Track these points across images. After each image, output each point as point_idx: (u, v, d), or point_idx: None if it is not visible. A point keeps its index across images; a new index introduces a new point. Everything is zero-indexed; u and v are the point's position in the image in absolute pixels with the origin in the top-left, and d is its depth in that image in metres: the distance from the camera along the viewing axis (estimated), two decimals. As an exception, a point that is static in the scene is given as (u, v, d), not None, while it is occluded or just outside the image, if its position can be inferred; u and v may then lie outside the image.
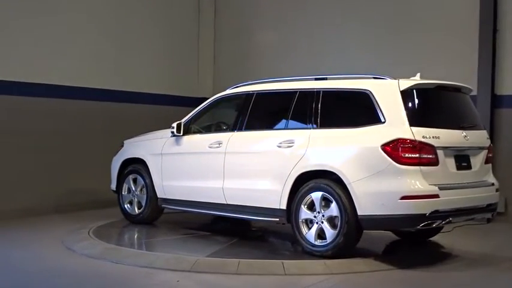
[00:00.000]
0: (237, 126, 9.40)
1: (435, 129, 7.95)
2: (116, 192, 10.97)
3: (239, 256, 8.18)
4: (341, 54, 13.26)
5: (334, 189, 8.05)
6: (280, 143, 8.68)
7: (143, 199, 10.52)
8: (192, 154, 9.85)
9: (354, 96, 8.44)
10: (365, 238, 8.92)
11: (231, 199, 9.23)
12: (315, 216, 8.25)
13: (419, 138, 7.75)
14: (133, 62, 13.55)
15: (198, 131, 10.02)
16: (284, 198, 8.52)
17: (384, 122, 7.93)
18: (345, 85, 8.69)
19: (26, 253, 8.61)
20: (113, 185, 11.05)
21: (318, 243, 8.19)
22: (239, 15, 15.02)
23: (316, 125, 8.51)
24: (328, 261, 7.95)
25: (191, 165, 9.86)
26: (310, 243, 8.25)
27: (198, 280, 7.47)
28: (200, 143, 9.75)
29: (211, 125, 10.25)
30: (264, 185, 8.77)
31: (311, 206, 8.31)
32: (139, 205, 10.62)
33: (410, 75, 8.67)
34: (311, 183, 8.30)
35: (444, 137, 7.99)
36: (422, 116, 8.07)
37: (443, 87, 8.51)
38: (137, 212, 10.64)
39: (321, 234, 8.20)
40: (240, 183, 9.11)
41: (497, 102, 11.73)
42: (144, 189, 10.48)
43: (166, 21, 14.29)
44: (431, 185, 7.75)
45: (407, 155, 7.69)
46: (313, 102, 8.62)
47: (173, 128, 9.93)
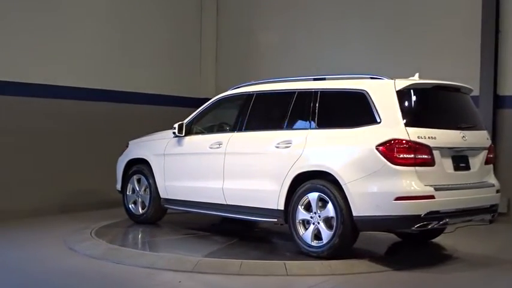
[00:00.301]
0: (237, 126, 9.34)
1: (431, 129, 7.80)
2: (121, 192, 10.92)
3: (238, 256, 8.10)
4: (343, 54, 13.15)
5: (330, 189, 7.93)
6: (278, 144, 8.59)
7: (147, 199, 10.47)
8: (193, 155, 9.79)
9: (351, 96, 8.31)
10: (367, 239, 8.96)
11: (231, 199, 9.16)
12: (312, 216, 8.14)
13: (414, 138, 7.60)
14: (135, 63, 13.48)
15: (201, 132, 9.95)
16: (282, 198, 8.43)
17: (380, 122, 7.80)
18: (342, 85, 8.57)
19: (28, 253, 8.57)
20: (118, 185, 11.01)
21: (315, 243, 8.08)
22: (241, 15, 14.94)
23: (313, 126, 8.41)
24: (330, 261, 7.85)
25: (192, 165, 9.80)
26: (306, 243, 8.15)
27: (200, 281, 7.41)
28: (201, 144, 9.68)
29: (213, 126, 10.16)
30: (263, 186, 8.67)
31: (308, 207, 8.20)
32: (143, 205, 10.57)
33: (412, 75, 8.53)
34: (308, 183, 8.20)
35: (441, 137, 7.83)
36: (418, 116, 7.92)
37: (441, 87, 8.36)
38: (141, 212, 10.60)
39: (318, 234, 8.09)
40: (240, 183, 9.03)
41: (499, 102, 11.60)
42: (148, 189, 10.42)
43: (168, 22, 14.22)
44: (426, 186, 7.61)
45: (402, 156, 7.55)
46: (310, 102, 8.53)
47: (174, 129, 9.88)
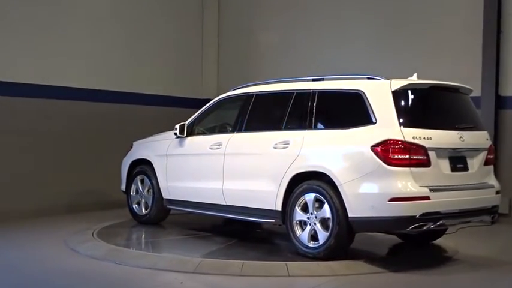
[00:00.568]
0: (237, 127, 9.27)
1: (427, 129, 7.66)
2: (125, 192, 10.88)
3: (240, 257, 8.04)
4: (344, 54, 13.05)
5: (326, 190, 7.83)
6: (276, 144, 8.51)
7: (150, 200, 10.44)
8: (195, 155, 9.73)
9: (348, 96, 8.20)
10: (368, 241, 8.98)
11: (230, 200, 9.09)
12: (308, 217, 8.04)
13: (409, 139, 7.47)
14: (137, 64, 13.45)
15: (203, 133, 9.89)
16: (279, 199, 8.34)
17: (375, 123, 7.69)
18: (339, 86, 8.46)
19: (29, 253, 8.53)
20: (123, 186, 10.98)
21: (311, 244, 7.98)
22: (242, 16, 14.87)
23: (310, 126, 8.31)
24: (331, 262, 7.77)
25: (193, 166, 9.74)
26: (303, 244, 8.05)
27: (202, 281, 7.33)
28: (202, 144, 9.62)
29: (215, 127, 10.08)
30: (261, 186, 8.59)
31: (305, 208, 8.10)
32: (146, 206, 10.53)
33: (412, 75, 8.40)
34: (304, 184, 8.10)
35: (437, 138, 7.69)
36: (414, 117, 7.80)
37: (438, 87, 8.22)
38: (144, 213, 10.56)
39: (314, 235, 7.99)
40: (239, 184, 8.96)
41: (501, 103, 11.46)
42: (151, 190, 10.38)
43: (169, 23, 14.16)
44: (421, 187, 7.47)
45: (396, 156, 7.43)
46: (308, 103, 8.43)
47: (176, 130, 9.84)
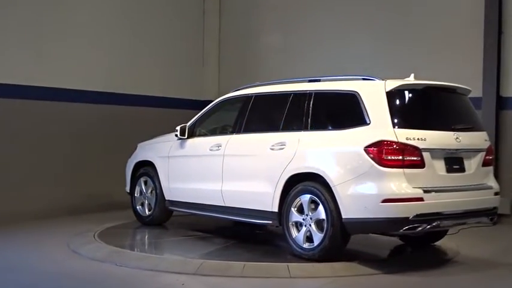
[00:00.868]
0: (236, 128, 9.21)
1: (422, 130, 7.53)
2: (130, 194, 10.86)
3: (241, 258, 7.99)
4: (345, 56, 12.91)
5: (321, 191, 7.72)
6: (272, 146, 8.42)
7: (153, 201, 10.41)
8: (195, 157, 9.68)
9: (343, 97, 8.10)
10: (370, 242, 8.93)
11: (229, 201, 9.02)
12: (304, 219, 7.95)
13: (402, 139, 7.35)
14: (139, 66, 13.39)
15: (204, 134, 9.82)
16: (276, 200, 8.25)
17: (369, 124, 7.57)
18: (334, 87, 8.35)
19: (31, 255, 8.47)
20: (127, 187, 10.95)
21: (306, 246, 7.89)
22: (244, 18, 14.78)
23: (306, 127, 8.21)
24: (333, 264, 7.69)
25: (194, 167, 9.69)
26: (299, 246, 7.96)
27: (203, 283, 7.26)
28: (202, 146, 9.56)
29: (216, 128, 10.00)
30: (258, 188, 8.51)
31: (301, 209, 8.00)
32: (149, 207, 10.50)
33: (416, 78, 8.26)
34: (300, 185, 8.00)
35: (431, 139, 7.55)
36: (408, 117, 7.67)
37: (434, 87, 8.10)
38: (147, 214, 10.53)
39: (310, 237, 7.89)
40: (237, 185, 8.89)
41: (502, 103, 11.32)
42: (154, 191, 10.35)
43: (171, 24, 14.09)
44: (415, 188, 7.34)
45: (389, 157, 7.31)
46: (304, 104, 8.34)
47: (177, 131, 9.80)
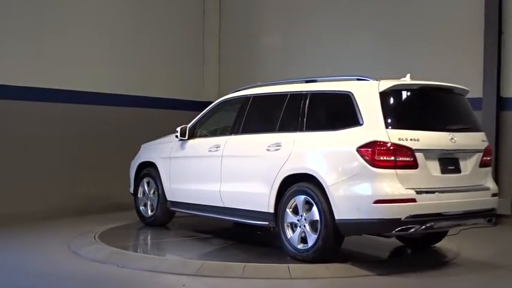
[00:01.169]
0: (234, 129, 9.14)
1: (415, 131, 7.41)
2: (133, 194, 10.83)
3: (242, 259, 7.94)
4: (346, 56, 12.80)
5: (315, 192, 7.62)
6: (269, 146, 8.34)
7: (155, 202, 10.38)
8: (195, 158, 9.63)
9: (337, 98, 8.00)
10: (371, 243, 8.82)
11: (227, 202, 8.96)
12: (298, 220, 7.86)
13: (395, 140, 7.23)
14: (140, 68, 13.34)
15: (205, 135, 9.76)
16: (272, 201, 8.17)
17: (362, 124, 7.47)
18: (329, 87, 8.25)
19: (32, 256, 8.43)
20: (131, 188, 10.92)
21: (301, 247, 7.79)
22: (244, 18, 14.70)
23: (302, 128, 8.12)
24: (333, 265, 7.61)
25: (193, 168, 9.65)
26: (294, 246, 7.87)
27: (204, 284, 7.20)
28: (202, 147, 9.50)
29: (217, 129, 9.94)
30: (255, 188, 8.43)
31: (296, 210, 7.91)
32: (152, 208, 10.47)
33: (417, 78, 8.17)
34: (295, 186, 7.91)
35: (425, 139, 7.43)
36: (401, 118, 7.55)
37: (429, 88, 7.98)
38: (150, 215, 10.50)
39: (304, 238, 7.79)
40: (235, 186, 8.82)
41: (502, 104, 11.18)
42: (156, 192, 10.32)
43: (171, 26, 14.02)
44: (407, 189, 7.22)
45: (381, 158, 7.19)
46: (300, 104, 8.24)
47: (177, 132, 9.78)
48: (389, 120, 7.39)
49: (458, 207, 7.71)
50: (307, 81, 8.71)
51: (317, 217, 7.65)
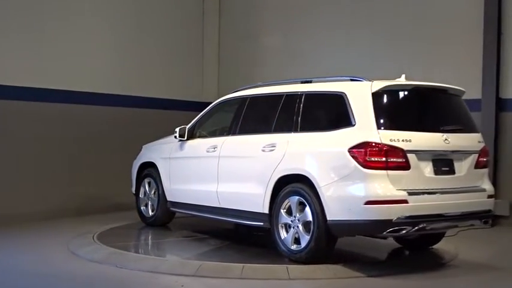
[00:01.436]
0: (231, 130, 9.09)
1: (407, 132, 7.31)
2: (135, 195, 10.81)
3: (240, 260, 7.89)
4: (345, 58, 12.69)
5: (308, 193, 7.54)
6: (264, 147, 8.27)
7: (155, 202, 10.35)
8: (193, 158, 9.59)
9: (330, 98, 7.92)
10: (369, 245, 8.81)
11: (224, 202, 8.91)
12: (292, 220, 7.78)
13: (386, 141, 7.13)
14: (139, 68, 13.28)
15: (204, 136, 9.71)
16: (266, 202, 8.10)
17: (355, 125, 7.39)
18: (323, 88, 8.17)
19: (30, 257, 8.39)
20: (133, 188, 10.91)
21: (294, 248, 7.72)
22: (243, 19, 14.61)
23: (296, 129, 8.04)
24: (331, 265, 7.54)
25: (192, 169, 9.61)
26: (287, 247, 7.80)
27: (203, 284, 7.16)
28: (200, 148, 9.46)
29: (216, 130, 9.90)
30: (250, 189, 8.38)
31: (289, 211, 7.83)
32: (152, 208, 10.44)
33: (416, 79, 8.11)
34: (288, 187, 7.83)
35: (417, 140, 7.33)
36: (393, 119, 7.45)
37: (423, 88, 7.88)
38: (150, 215, 10.47)
39: (298, 239, 7.72)
40: (231, 186, 8.77)
41: (502, 105, 11.03)
42: (157, 192, 10.30)
43: (170, 27, 13.94)
44: (399, 190, 7.12)
45: (373, 159, 7.10)
46: (294, 105, 8.17)
47: (176, 133, 9.75)
48: (381, 120, 7.30)
49: (452, 208, 7.59)
50: (302, 81, 8.64)
51: (310, 218, 7.57)
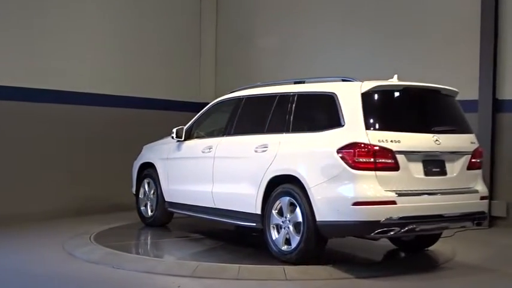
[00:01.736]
0: (226, 131, 9.04)
1: (396, 132, 7.21)
2: (136, 195, 10.79)
3: (237, 261, 7.87)
4: (343, 58, 12.57)
5: (298, 194, 7.48)
6: (256, 148, 8.22)
7: (154, 202, 10.32)
8: (190, 159, 9.56)
9: (321, 99, 7.84)
10: (366, 246, 8.80)
11: (218, 203, 8.87)
12: (283, 221, 7.73)
13: (374, 142, 7.05)
14: (136, 68, 13.22)
15: (202, 136, 9.67)
16: (259, 203, 8.05)
17: (344, 126, 7.31)
18: (315, 88, 8.11)
19: (27, 257, 8.34)
20: (133, 189, 10.88)
21: (285, 248, 7.66)
22: (241, 20, 14.53)
23: (288, 129, 7.98)
24: (328, 267, 7.51)
25: (188, 169, 9.58)
26: (278, 248, 7.74)
27: (199, 285, 7.12)
28: (196, 148, 9.42)
29: (214, 131, 9.81)
30: (243, 189, 8.33)
31: (281, 211, 7.78)
32: (151, 208, 10.42)
33: (413, 80, 7.98)
34: (280, 188, 7.78)
35: (407, 141, 7.23)
36: (383, 119, 7.35)
37: (415, 89, 7.79)
38: (149, 215, 10.45)
39: (289, 239, 7.66)
40: (225, 187, 8.73)
41: (498, 106, 10.90)
42: (155, 192, 10.28)
43: (167, 27, 13.88)
44: (387, 191, 7.03)
45: (361, 160, 7.02)
46: (287, 106, 8.12)
47: (173, 134, 9.72)
48: (370, 121, 7.22)
49: (443, 210, 7.48)
50: (295, 82, 8.58)
51: (300, 219, 7.51)
